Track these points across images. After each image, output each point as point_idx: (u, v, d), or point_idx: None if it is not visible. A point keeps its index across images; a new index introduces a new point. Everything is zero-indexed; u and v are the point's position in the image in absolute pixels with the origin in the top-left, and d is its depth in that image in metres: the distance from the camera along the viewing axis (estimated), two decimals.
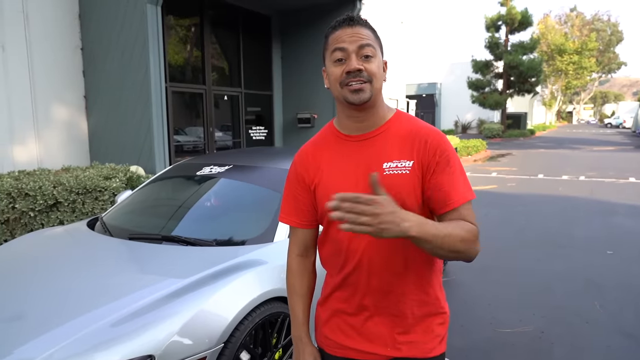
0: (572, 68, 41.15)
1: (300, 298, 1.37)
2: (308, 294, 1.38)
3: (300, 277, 1.37)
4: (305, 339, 1.35)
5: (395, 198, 1.12)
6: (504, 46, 26.74)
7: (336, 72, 1.19)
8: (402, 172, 1.18)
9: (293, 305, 1.37)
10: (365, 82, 1.17)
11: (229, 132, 9.69)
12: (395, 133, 1.23)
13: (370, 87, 1.18)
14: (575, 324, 3.38)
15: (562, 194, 8.88)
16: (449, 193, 1.16)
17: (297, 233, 1.37)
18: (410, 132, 1.22)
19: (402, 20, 16.13)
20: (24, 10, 6.23)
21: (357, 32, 1.18)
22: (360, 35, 1.18)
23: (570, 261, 4.81)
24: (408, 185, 1.17)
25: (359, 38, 1.17)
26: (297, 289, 1.37)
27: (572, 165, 13.58)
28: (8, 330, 1.82)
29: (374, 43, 1.19)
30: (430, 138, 1.20)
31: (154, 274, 2.20)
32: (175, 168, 3.44)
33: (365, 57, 1.17)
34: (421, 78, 37.87)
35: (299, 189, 1.32)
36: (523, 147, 21.43)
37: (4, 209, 4.47)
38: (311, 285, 1.39)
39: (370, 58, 1.18)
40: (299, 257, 1.38)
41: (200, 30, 8.67)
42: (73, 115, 6.95)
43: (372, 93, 1.18)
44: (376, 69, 1.18)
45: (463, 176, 1.20)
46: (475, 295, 3.94)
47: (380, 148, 1.22)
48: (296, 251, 1.38)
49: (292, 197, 1.34)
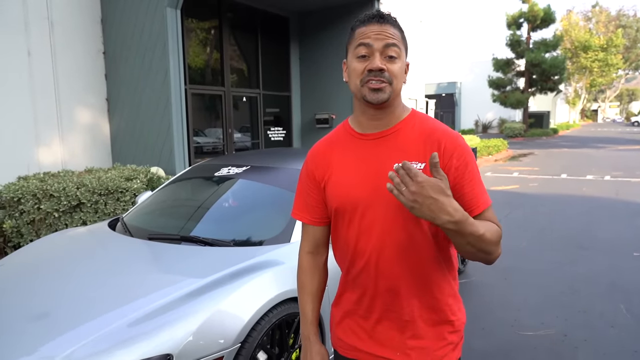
0: (597, 65, 40.13)
1: (310, 296, 1.36)
2: (318, 292, 1.37)
3: (311, 275, 1.37)
4: (312, 338, 1.34)
5: None
6: (525, 44, 26.28)
7: (358, 68, 1.17)
8: None
9: (302, 304, 1.37)
10: (386, 83, 1.15)
11: (247, 133, 9.76)
12: (408, 133, 1.21)
13: (390, 88, 1.16)
14: (600, 327, 3.29)
15: (586, 194, 8.67)
16: (471, 199, 1.14)
17: (308, 230, 1.37)
18: (423, 133, 1.20)
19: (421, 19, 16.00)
20: (49, 17, 6.40)
21: (385, 30, 1.15)
22: (388, 33, 1.15)
23: (594, 263, 4.69)
24: None
25: (386, 37, 1.15)
26: (306, 287, 1.37)
27: (597, 165, 13.25)
28: (30, 328, 1.86)
29: (400, 44, 1.17)
30: (445, 140, 1.17)
31: (173, 273, 2.23)
32: (193, 169, 3.48)
33: (390, 57, 1.15)
34: (440, 77, 37.50)
35: (310, 186, 1.32)
36: (545, 146, 21.01)
37: (29, 210, 4.60)
38: (321, 283, 1.38)
39: (394, 59, 1.16)
40: (310, 254, 1.38)
41: (219, 32, 8.76)
42: (95, 118, 7.11)
43: (391, 94, 1.17)
44: (398, 70, 1.17)
45: (480, 180, 1.18)
46: (497, 296, 3.87)
47: (393, 147, 1.20)
48: (307, 248, 1.38)
49: (303, 194, 1.34)
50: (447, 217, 0.99)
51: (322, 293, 1.38)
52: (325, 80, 10.19)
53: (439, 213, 0.99)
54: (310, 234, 1.36)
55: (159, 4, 6.28)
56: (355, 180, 1.21)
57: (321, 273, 1.38)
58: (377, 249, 1.19)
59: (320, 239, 1.37)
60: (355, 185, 1.21)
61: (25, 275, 2.40)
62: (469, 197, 1.15)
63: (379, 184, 1.17)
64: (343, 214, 1.24)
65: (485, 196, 1.17)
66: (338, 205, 1.24)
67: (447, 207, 0.99)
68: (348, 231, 1.24)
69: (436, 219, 1.00)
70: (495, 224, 1.14)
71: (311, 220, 1.34)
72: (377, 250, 1.19)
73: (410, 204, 0.99)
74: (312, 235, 1.36)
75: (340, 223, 1.26)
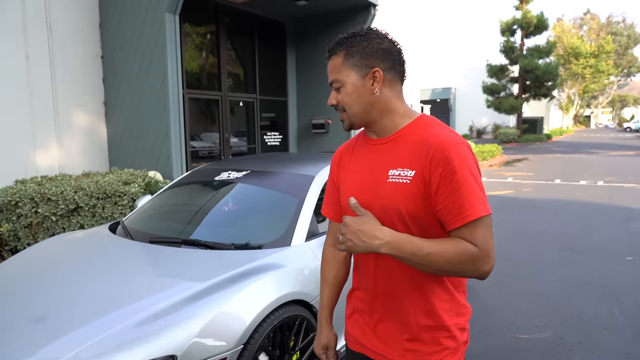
0: (589, 71, 40.55)
1: (327, 285, 1.46)
2: (335, 282, 1.45)
3: (330, 266, 1.46)
4: (324, 323, 1.45)
5: (393, 207, 1.16)
6: (519, 50, 26.51)
7: None
8: (402, 181, 1.16)
9: (321, 291, 1.47)
10: (343, 112, 1.25)
11: (244, 137, 9.79)
12: (408, 140, 1.21)
13: (347, 115, 1.24)
14: (595, 330, 3.34)
15: (579, 199, 8.76)
16: (452, 211, 1.10)
17: (332, 225, 1.47)
18: (419, 140, 1.18)
19: (416, 25, 16.12)
20: (47, 21, 6.41)
21: (330, 66, 1.25)
22: (331, 68, 1.24)
23: (588, 267, 4.75)
24: (407, 195, 1.15)
25: (330, 71, 1.24)
26: (325, 276, 1.46)
27: (590, 170, 13.38)
28: (33, 330, 1.87)
29: (341, 71, 1.21)
30: (434, 148, 1.13)
31: (175, 276, 2.25)
32: (194, 173, 3.51)
33: (337, 89, 1.24)
34: (435, 83, 37.73)
35: (331, 185, 1.42)
36: (539, 151, 21.17)
37: (27, 213, 4.60)
38: (339, 275, 1.46)
39: (340, 89, 1.23)
40: (332, 247, 1.47)
41: (216, 37, 8.80)
42: (93, 121, 7.11)
43: (352, 119, 1.24)
44: (346, 96, 1.22)
45: (472, 190, 1.09)
46: (492, 300, 3.91)
47: (391, 154, 1.22)
48: (330, 241, 1.48)
49: (328, 192, 1.45)
50: (377, 241, 1.08)
51: (339, 284, 1.46)
52: (322, 86, 10.24)
53: (369, 240, 1.08)
54: (333, 229, 1.46)
55: (158, 9, 6.31)
56: (358, 183, 1.27)
57: (340, 265, 1.46)
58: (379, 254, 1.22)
59: None
60: (358, 188, 1.26)
61: (27, 278, 2.41)
62: (452, 208, 1.10)
63: (374, 190, 1.22)
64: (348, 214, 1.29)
65: (475, 208, 1.08)
66: (345, 205, 1.32)
67: (374, 232, 1.09)
68: None
69: (370, 247, 1.09)
70: (468, 242, 1.09)
71: (333, 217, 1.44)
72: (376, 253, 1.20)
73: (347, 243, 1.11)
74: (334, 230, 1.46)
75: None
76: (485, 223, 1.10)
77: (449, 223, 1.12)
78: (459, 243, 1.09)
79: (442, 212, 1.12)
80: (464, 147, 1.14)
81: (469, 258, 1.08)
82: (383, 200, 1.18)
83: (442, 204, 1.12)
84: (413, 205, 1.15)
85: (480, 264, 1.09)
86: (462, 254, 1.08)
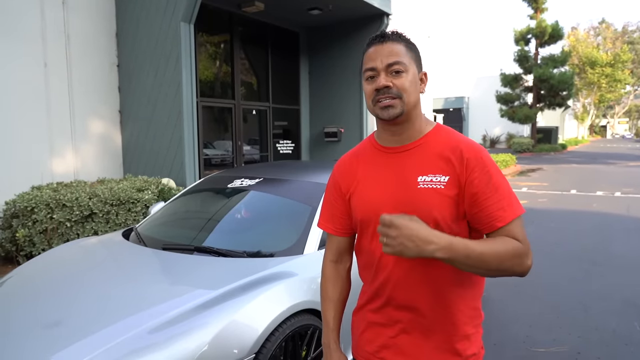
0: (605, 81, 40.08)
1: (332, 303, 1.38)
2: (340, 300, 1.39)
3: (333, 283, 1.39)
4: (333, 346, 1.36)
5: (426, 213, 1.14)
6: (533, 59, 26.32)
7: (368, 90, 1.22)
8: (436, 186, 1.17)
9: (324, 311, 1.39)
10: (395, 98, 1.18)
11: (256, 145, 9.83)
12: (433, 147, 1.22)
13: (401, 102, 1.18)
14: (614, 345, 3.25)
15: (596, 210, 8.60)
16: (493, 213, 1.14)
17: (332, 239, 1.40)
18: (447, 147, 1.21)
19: (429, 34, 16.12)
20: (65, 30, 6.54)
21: (388, 49, 1.19)
22: (391, 51, 1.19)
23: (606, 280, 4.63)
24: (441, 200, 1.16)
25: (389, 55, 1.19)
26: (329, 294, 1.39)
27: (607, 181, 13.15)
28: (47, 336, 1.87)
29: (405, 58, 1.19)
30: (468, 154, 1.17)
31: (187, 284, 2.24)
32: (207, 180, 3.51)
33: (396, 72, 1.18)
34: (448, 92, 37.63)
35: (335, 197, 1.36)
36: (554, 162, 20.90)
37: (42, 219, 4.65)
38: (344, 291, 1.40)
39: (400, 73, 1.18)
40: (333, 262, 1.41)
41: (230, 46, 8.89)
42: (108, 129, 7.20)
43: (404, 108, 1.19)
44: (407, 83, 1.19)
45: (507, 191, 1.16)
46: (509, 312, 3.84)
47: (417, 161, 1.22)
48: (330, 257, 1.41)
49: (329, 205, 1.39)
50: (433, 246, 1.02)
51: (344, 301, 1.40)
52: (334, 94, 10.27)
53: (425, 245, 1.02)
54: (334, 244, 1.40)
55: (173, 19, 6.40)
56: (379, 193, 1.24)
57: (344, 281, 1.41)
58: (398, 264, 1.21)
59: (344, 249, 1.40)
60: (379, 198, 1.23)
61: (41, 284, 2.42)
62: (493, 209, 1.14)
63: (403, 197, 1.19)
64: (367, 226, 1.26)
65: (512, 208, 1.15)
66: (362, 217, 1.27)
67: (430, 237, 1.02)
68: (371, 243, 1.26)
69: (424, 252, 1.02)
70: (513, 239, 1.12)
71: (335, 230, 1.38)
72: (398, 265, 1.21)
73: (398, 248, 1.03)
74: (335, 245, 1.40)
75: (365, 235, 1.28)
76: (522, 220, 1.16)
77: (489, 225, 1.15)
78: (506, 241, 1.11)
79: (481, 215, 1.15)
80: (489, 154, 1.22)
81: (517, 254, 1.11)
82: (416, 207, 1.16)
83: (480, 206, 1.15)
84: (448, 210, 1.16)
85: (525, 258, 1.12)
86: (512, 251, 1.10)
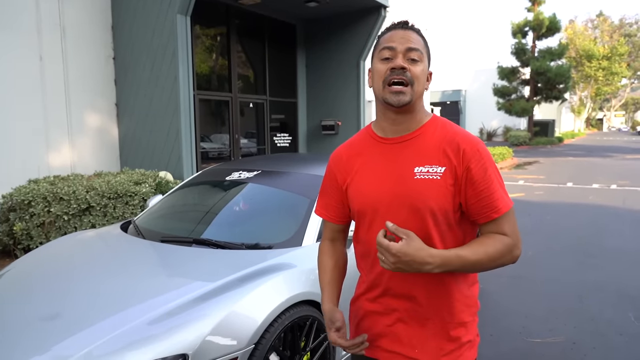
0: (602, 74, 40.11)
1: (328, 270, 1.40)
2: (335, 267, 1.41)
3: (329, 255, 1.43)
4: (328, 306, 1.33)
5: (423, 204, 1.17)
6: (530, 52, 26.31)
7: (381, 69, 1.21)
8: (432, 177, 1.18)
9: (320, 278, 1.41)
10: (407, 85, 1.19)
11: (253, 139, 9.82)
12: (429, 138, 1.23)
13: (411, 90, 1.19)
14: (609, 335, 3.29)
15: (592, 202, 8.65)
16: (487, 205, 1.17)
17: (327, 224, 1.45)
18: (444, 138, 1.22)
19: (426, 27, 16.08)
20: (60, 23, 6.49)
21: (409, 35, 1.21)
22: (411, 38, 1.21)
23: (602, 271, 4.68)
24: (437, 191, 1.17)
25: (409, 40, 1.21)
26: (324, 264, 1.42)
27: (603, 174, 13.21)
28: (46, 328, 1.88)
29: (422, 49, 1.22)
30: (465, 145, 1.19)
31: (186, 275, 2.25)
32: (205, 173, 3.51)
33: (412, 60, 1.20)
34: (445, 85, 37.57)
35: (331, 187, 1.39)
36: (551, 154, 20.96)
37: (39, 213, 4.64)
38: (339, 260, 1.43)
39: (416, 62, 1.20)
40: (329, 240, 1.46)
41: (227, 39, 8.84)
42: (105, 122, 7.17)
43: (412, 97, 1.20)
44: (420, 72, 1.21)
45: (501, 184, 1.20)
46: (504, 304, 3.87)
47: (414, 152, 1.23)
48: (327, 237, 1.46)
49: (324, 193, 1.42)
50: (429, 266, 1.10)
51: (340, 270, 1.42)
52: (331, 87, 10.24)
53: (421, 266, 1.10)
54: (329, 228, 1.45)
55: (170, 11, 6.36)
56: (376, 183, 1.25)
57: (339, 254, 1.44)
58: None
59: (337, 233, 1.45)
60: (377, 188, 1.24)
61: (39, 276, 2.43)
62: (487, 202, 1.18)
63: (400, 188, 1.21)
64: (364, 217, 1.27)
65: (504, 200, 1.19)
66: (359, 207, 1.28)
67: (425, 258, 1.10)
68: (368, 233, 1.27)
69: (421, 271, 1.12)
70: (504, 235, 1.18)
71: (329, 217, 1.41)
72: None
73: (395, 268, 1.11)
74: (330, 229, 1.45)
75: (362, 225, 1.29)
76: (512, 214, 1.20)
77: (482, 216, 1.19)
78: (495, 239, 1.17)
79: (476, 206, 1.18)
80: (485, 146, 1.24)
81: (506, 249, 1.18)
82: (413, 198, 1.18)
83: (475, 198, 1.18)
84: (444, 200, 1.18)
85: (515, 250, 1.19)
86: (502, 249, 1.17)
